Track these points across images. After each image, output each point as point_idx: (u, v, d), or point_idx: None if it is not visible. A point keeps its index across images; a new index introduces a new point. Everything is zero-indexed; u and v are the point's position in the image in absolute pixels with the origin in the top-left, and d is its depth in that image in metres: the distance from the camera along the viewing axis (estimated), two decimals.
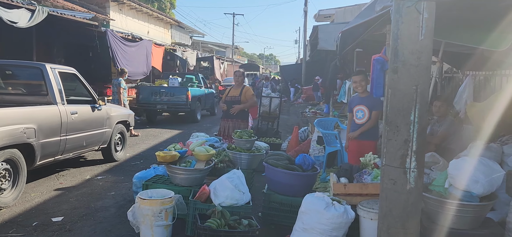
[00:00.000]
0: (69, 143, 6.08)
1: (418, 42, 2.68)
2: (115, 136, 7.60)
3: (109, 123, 7.29)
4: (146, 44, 15.93)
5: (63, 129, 5.91)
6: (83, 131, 6.44)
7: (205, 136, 7.16)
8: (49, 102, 5.89)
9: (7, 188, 4.97)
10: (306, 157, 4.78)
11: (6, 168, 4.96)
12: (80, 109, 6.42)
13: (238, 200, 4.14)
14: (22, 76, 6.61)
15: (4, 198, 4.88)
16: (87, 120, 6.56)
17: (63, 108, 5.99)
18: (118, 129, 7.70)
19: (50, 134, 5.64)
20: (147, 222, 3.91)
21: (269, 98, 10.29)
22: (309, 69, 27.18)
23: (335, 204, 3.41)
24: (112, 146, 7.52)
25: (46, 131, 5.55)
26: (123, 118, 7.94)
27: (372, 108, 4.98)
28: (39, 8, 9.98)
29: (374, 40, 5.92)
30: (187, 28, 32.79)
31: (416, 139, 2.75)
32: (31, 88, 6.34)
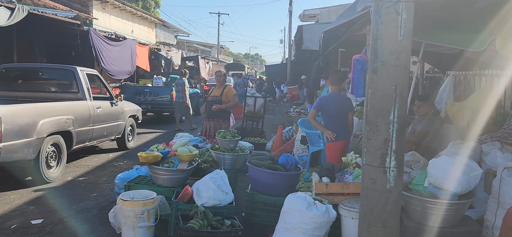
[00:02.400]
0: (95, 132, 7.27)
1: (397, 42, 2.71)
2: (127, 128, 8.78)
3: (123, 116, 8.50)
4: (130, 43, 15.78)
5: (91, 120, 7.10)
6: (105, 122, 7.62)
7: (189, 136, 7.12)
8: (80, 98, 7.06)
9: (53, 166, 6.16)
10: (289, 156, 4.79)
11: (53, 150, 6.13)
12: (102, 104, 7.58)
13: (221, 201, 4.13)
14: (57, 77, 7.81)
15: (52, 173, 6.07)
16: (107, 113, 7.72)
17: (91, 103, 7.18)
18: (130, 122, 8.94)
19: (83, 124, 6.84)
20: (129, 223, 3.87)
21: (254, 98, 10.29)
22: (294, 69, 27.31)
23: (317, 203, 3.43)
24: (125, 136, 8.72)
25: (80, 122, 6.74)
26: (133, 113, 9.18)
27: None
28: (18, 7, 9.78)
29: (356, 40, 5.98)
30: (172, 28, 32.57)
31: (396, 138, 2.79)
32: (65, 87, 7.47)
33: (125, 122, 8.61)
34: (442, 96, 5.90)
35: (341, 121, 5.11)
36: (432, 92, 6.93)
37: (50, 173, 6.03)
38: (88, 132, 7.04)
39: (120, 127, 8.40)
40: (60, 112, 6.27)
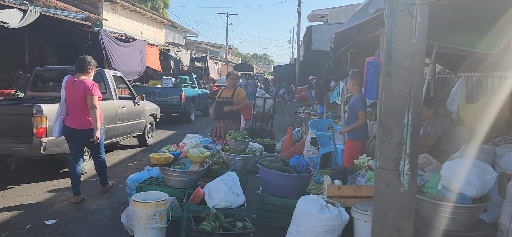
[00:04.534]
0: (120, 129, 7.82)
1: (411, 45, 2.69)
2: (148, 126, 9.38)
3: (144, 115, 9.07)
4: (139, 44, 15.87)
5: (117, 118, 7.65)
6: (129, 120, 8.19)
7: (199, 137, 7.15)
8: (108, 98, 7.49)
9: (86, 159, 6.65)
10: (300, 158, 4.79)
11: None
12: (127, 103, 8.14)
13: (233, 202, 4.14)
14: None
15: (85, 166, 6.47)
16: (131, 112, 8.30)
17: (117, 102, 7.72)
18: (149, 120, 9.50)
19: (111, 121, 7.37)
20: (141, 224, 3.90)
21: (263, 99, 10.29)
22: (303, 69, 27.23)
23: (329, 206, 3.42)
24: (146, 133, 9.30)
25: (108, 119, 7.23)
26: (153, 112, 9.73)
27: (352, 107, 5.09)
28: (31, 8, 9.90)
29: (367, 41, 5.95)
30: (181, 28, 32.70)
31: (410, 142, 2.77)
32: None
33: (145, 120, 9.20)
34: (454, 97, 5.86)
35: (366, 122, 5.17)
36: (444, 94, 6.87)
37: (83, 165, 6.32)
38: (115, 129, 7.61)
39: (142, 125, 8.99)
40: None
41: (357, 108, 4.93)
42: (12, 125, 5.79)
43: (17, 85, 12.07)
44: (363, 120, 4.91)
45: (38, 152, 5.70)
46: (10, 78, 12.29)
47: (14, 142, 5.75)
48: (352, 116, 5.06)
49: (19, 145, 5.74)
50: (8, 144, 5.77)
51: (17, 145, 5.74)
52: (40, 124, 5.69)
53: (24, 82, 12.25)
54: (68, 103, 5.23)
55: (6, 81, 12.25)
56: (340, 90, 6.39)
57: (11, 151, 5.90)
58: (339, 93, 6.41)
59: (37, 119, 5.67)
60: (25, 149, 5.72)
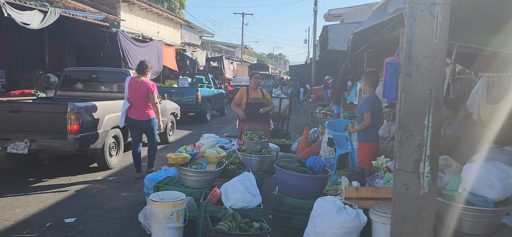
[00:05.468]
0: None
1: (432, 45, 2.65)
2: (169, 124, 9.75)
3: (165, 113, 9.36)
4: (156, 44, 16.02)
5: None
6: None
7: (215, 137, 7.18)
8: None
9: (114, 154, 7.18)
10: (317, 159, 4.76)
11: (113, 141, 7.13)
12: None
13: (249, 203, 4.14)
14: (112, 79, 8.70)
15: (112, 161, 7.10)
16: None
17: None
18: (170, 118, 9.91)
19: None
20: (159, 224, 3.92)
21: (279, 99, 10.26)
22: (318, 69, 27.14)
23: (347, 208, 3.39)
24: (167, 131, 9.67)
25: None
26: (173, 111, 10.16)
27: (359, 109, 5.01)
28: (51, 10, 10.08)
29: (385, 41, 5.89)
30: (197, 28, 32.88)
31: (430, 143, 2.73)
32: (119, 87, 8.24)
33: (167, 119, 9.55)
34: (474, 98, 5.75)
35: (378, 123, 5.09)
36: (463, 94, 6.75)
37: (111, 160, 7.07)
38: None
39: (163, 123, 9.14)
40: (119, 109, 6.91)
41: (362, 110, 4.87)
42: (48, 122, 6.14)
43: (37, 85, 12.30)
44: (367, 122, 4.82)
45: (72, 148, 6.08)
46: (30, 78, 12.54)
47: (50, 138, 6.10)
48: (360, 117, 5.01)
49: (55, 141, 6.10)
50: (45, 140, 6.12)
51: (53, 141, 6.10)
52: (74, 121, 6.03)
53: (44, 82, 12.48)
54: (131, 99, 6.28)
55: (27, 81, 12.50)
56: (357, 91, 6.32)
57: (47, 146, 6.26)
58: (357, 94, 6.35)
59: (71, 117, 6.01)
60: (60, 144, 6.09)
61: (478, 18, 3.88)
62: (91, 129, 6.38)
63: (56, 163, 7.39)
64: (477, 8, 3.50)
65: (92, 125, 6.41)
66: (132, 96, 6.27)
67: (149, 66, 6.48)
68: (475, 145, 4.67)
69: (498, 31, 3.88)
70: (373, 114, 4.82)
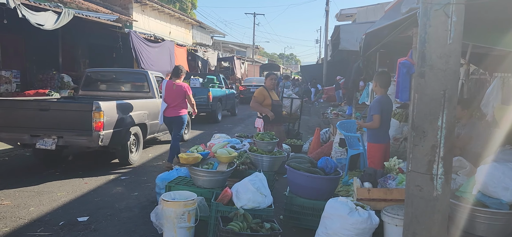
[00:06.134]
0: (162, 125, 7.93)
1: (446, 45, 2.62)
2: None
3: None
4: (168, 45, 16.10)
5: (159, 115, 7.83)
6: None
7: (226, 137, 7.18)
8: (150, 96, 8.37)
9: (134, 151, 7.51)
10: (328, 160, 4.74)
11: (134, 139, 7.45)
12: None
13: (260, 203, 4.14)
14: (132, 79, 9.14)
15: (133, 157, 7.44)
16: None
17: (159, 100, 8.09)
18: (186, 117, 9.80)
19: (154, 118, 8.00)
20: (170, 223, 3.94)
21: (290, 99, 10.23)
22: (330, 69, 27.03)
23: (359, 209, 3.37)
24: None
25: (152, 116, 8.00)
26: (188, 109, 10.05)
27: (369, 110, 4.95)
28: (65, 11, 10.20)
29: (397, 41, 5.83)
30: (208, 28, 32.99)
31: (444, 144, 2.70)
32: (138, 87, 8.78)
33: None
34: (488, 99, 5.67)
35: (388, 125, 5.02)
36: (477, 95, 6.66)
37: (132, 156, 7.42)
38: (157, 125, 8.15)
39: None
40: (140, 108, 7.58)
41: (372, 111, 4.79)
42: (74, 120, 6.46)
43: (51, 85, 12.45)
44: (376, 124, 4.75)
45: (97, 144, 6.37)
46: (44, 78, 12.70)
47: (76, 135, 6.43)
48: (370, 118, 4.93)
49: (80, 138, 6.43)
50: (71, 137, 6.45)
51: (79, 137, 6.43)
52: (99, 119, 6.34)
53: (58, 82, 12.63)
54: (167, 100, 6.96)
55: (41, 81, 12.66)
56: (369, 91, 6.27)
57: (73, 143, 6.57)
58: (369, 94, 6.30)
59: (96, 115, 6.31)
60: (85, 141, 6.41)
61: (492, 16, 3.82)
62: (115, 127, 6.71)
63: (69, 162, 7.47)
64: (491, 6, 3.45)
65: (116, 122, 6.74)
66: (168, 97, 6.94)
67: (183, 70, 7.19)
68: (489, 146, 4.61)
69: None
70: (382, 116, 4.76)
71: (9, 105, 6.80)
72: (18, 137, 6.68)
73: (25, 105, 6.83)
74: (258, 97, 6.67)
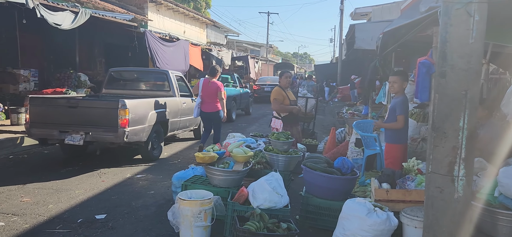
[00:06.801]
0: (181, 123, 8.80)
1: (468, 45, 2.58)
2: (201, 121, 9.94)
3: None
4: (183, 44, 16.18)
5: (179, 113, 8.65)
6: (188, 115, 9.04)
7: (241, 136, 7.19)
8: (171, 95, 8.62)
9: (155, 147, 7.78)
10: (345, 160, 4.70)
11: (156, 136, 7.70)
12: (186, 100, 9.10)
13: (277, 203, 4.13)
14: (153, 78, 9.55)
15: (155, 153, 7.73)
16: (189, 108, 9.07)
17: (179, 99, 8.73)
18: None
19: (174, 116, 8.39)
20: (187, 222, 3.96)
21: (305, 98, 10.19)
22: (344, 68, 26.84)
23: (377, 210, 3.33)
24: (200, 128, 10.10)
25: (172, 114, 8.30)
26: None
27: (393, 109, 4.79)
28: (82, 10, 10.33)
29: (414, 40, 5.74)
30: (222, 28, 33.07)
31: (465, 146, 2.65)
32: (159, 86, 9.11)
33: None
34: (509, 99, 5.54)
35: (407, 125, 4.93)
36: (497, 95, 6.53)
37: (153, 153, 7.69)
38: (177, 123, 8.58)
39: (198, 120, 9.72)
40: (161, 106, 7.83)
41: (398, 112, 4.66)
42: (101, 117, 6.76)
43: (68, 84, 12.64)
44: (401, 125, 4.64)
45: (122, 140, 6.66)
46: (61, 77, 12.89)
47: (102, 131, 6.73)
48: (393, 118, 4.82)
49: (107, 134, 6.72)
50: (98, 133, 6.74)
51: (105, 133, 6.73)
52: (124, 116, 6.61)
53: (75, 81, 12.81)
54: (203, 96, 7.71)
55: (58, 80, 12.86)
56: (386, 91, 6.20)
57: (99, 138, 6.84)
58: (385, 94, 6.24)
59: (121, 112, 6.60)
60: (112, 137, 6.70)
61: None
62: (138, 123, 6.99)
63: (87, 160, 7.56)
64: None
65: (139, 120, 7.01)
66: (204, 93, 7.70)
67: (219, 70, 8.04)
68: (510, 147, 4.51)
69: None
70: (405, 117, 4.68)
71: (40, 103, 7.15)
72: (48, 133, 7.00)
73: (55, 102, 7.21)
74: (278, 97, 6.65)
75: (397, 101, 4.65)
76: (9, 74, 11.89)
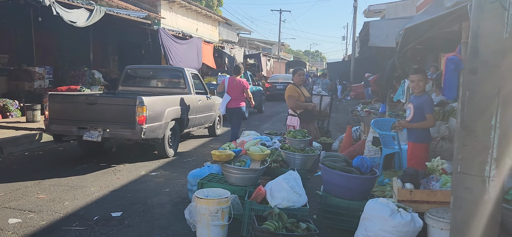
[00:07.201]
0: (196, 120, 8.84)
1: (502, 40, 2.46)
2: (216, 118, 10.32)
3: (214, 108, 9.97)
4: (196, 41, 16.17)
5: (195, 110, 8.66)
6: (203, 113, 9.17)
7: (255, 134, 7.12)
8: (187, 92, 8.67)
9: (171, 144, 7.79)
10: (364, 159, 4.60)
11: (171, 133, 7.72)
12: (201, 98, 9.14)
13: (295, 202, 4.05)
14: (169, 76, 9.63)
15: (170, 151, 7.72)
16: (205, 105, 9.26)
17: (195, 96, 8.79)
18: (218, 113, 10.27)
19: (190, 113, 8.41)
20: (204, 221, 3.91)
21: (320, 96, 10.06)
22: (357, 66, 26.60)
23: (401, 211, 3.23)
24: (215, 125, 10.29)
25: (188, 111, 8.32)
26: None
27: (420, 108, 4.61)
28: (96, 8, 10.35)
29: (434, 36, 5.62)
30: (234, 25, 33.02)
31: (497, 145, 2.53)
32: (175, 84, 9.16)
33: (215, 113, 10.13)
34: None
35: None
36: None
37: (169, 150, 7.71)
38: (193, 120, 8.63)
39: (212, 117, 9.97)
40: (177, 103, 7.87)
41: (427, 110, 4.48)
42: (119, 114, 6.82)
43: (82, 81, 12.70)
44: (431, 123, 4.47)
45: (139, 136, 6.70)
46: (76, 74, 12.96)
47: (120, 127, 6.79)
48: (420, 117, 4.63)
49: (124, 130, 6.77)
50: (116, 129, 6.81)
51: (123, 130, 6.78)
52: (142, 113, 6.66)
53: (89, 79, 12.87)
54: (229, 93, 8.08)
55: (73, 77, 12.93)
56: (405, 88, 6.07)
57: (117, 135, 6.89)
58: (404, 91, 6.10)
59: (139, 109, 6.63)
60: (129, 133, 6.74)
61: None
62: (155, 120, 7.00)
63: (101, 158, 7.56)
64: None
65: (156, 117, 7.03)
66: (230, 90, 8.08)
67: (242, 68, 8.45)
68: None
69: None
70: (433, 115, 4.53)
71: (60, 100, 7.22)
72: (67, 129, 7.09)
73: (74, 99, 7.26)
74: (293, 94, 6.56)
75: (424, 99, 4.49)
76: (25, 72, 12.00)
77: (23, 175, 6.16)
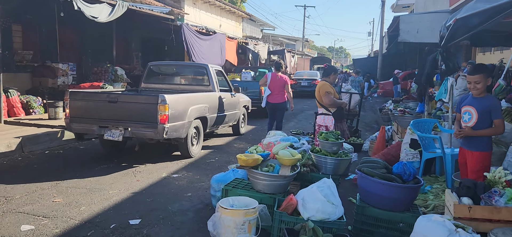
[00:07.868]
0: (220, 118, 8.52)
1: None
2: (241, 116, 10.00)
3: (239, 106, 9.72)
4: (219, 37, 15.86)
5: (219, 108, 8.41)
6: (227, 111, 8.86)
7: (282, 135, 6.69)
8: (210, 90, 8.38)
9: (195, 144, 7.51)
10: (406, 165, 4.11)
11: (195, 132, 7.48)
12: (225, 95, 8.84)
13: (330, 214, 3.61)
14: (192, 73, 9.34)
15: (194, 150, 7.43)
16: (229, 103, 8.96)
17: (218, 94, 8.48)
18: (243, 111, 10.10)
19: (214, 111, 8.16)
20: (229, 233, 3.53)
21: (349, 94, 9.55)
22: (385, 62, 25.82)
23: (460, 231, 2.75)
24: (239, 123, 9.93)
25: (212, 109, 8.06)
26: (245, 103, 10.34)
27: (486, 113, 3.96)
28: (119, 3, 10.12)
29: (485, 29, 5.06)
30: (258, 21, 32.62)
31: None
32: (198, 81, 8.95)
33: (240, 111, 9.81)
34: None
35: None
36: None
37: (193, 149, 7.40)
38: (217, 118, 8.33)
39: (237, 115, 9.64)
40: (201, 101, 7.58)
41: (495, 115, 3.88)
42: (140, 112, 6.57)
43: (105, 78, 12.56)
44: (501, 130, 3.88)
45: (162, 136, 6.43)
46: (99, 71, 12.84)
47: (142, 127, 6.52)
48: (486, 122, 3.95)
49: (146, 129, 6.50)
50: (137, 129, 6.54)
51: (144, 129, 6.52)
52: (164, 112, 6.38)
53: (111, 75, 12.72)
54: (271, 88, 8.43)
55: (96, 74, 12.81)
56: (448, 86, 5.53)
57: (139, 134, 6.60)
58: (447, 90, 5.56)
59: (161, 108, 6.37)
60: (151, 133, 6.46)
61: None
62: (178, 120, 6.72)
63: (120, 159, 7.30)
64: None
65: (179, 115, 6.75)
66: (272, 86, 8.39)
67: (283, 64, 8.99)
68: None
69: None
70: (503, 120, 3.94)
71: (80, 97, 6.99)
72: (87, 128, 6.86)
73: (95, 97, 7.02)
74: (331, 90, 6.21)
75: (490, 103, 3.89)
76: (48, 68, 11.91)
77: (42, 176, 5.93)
